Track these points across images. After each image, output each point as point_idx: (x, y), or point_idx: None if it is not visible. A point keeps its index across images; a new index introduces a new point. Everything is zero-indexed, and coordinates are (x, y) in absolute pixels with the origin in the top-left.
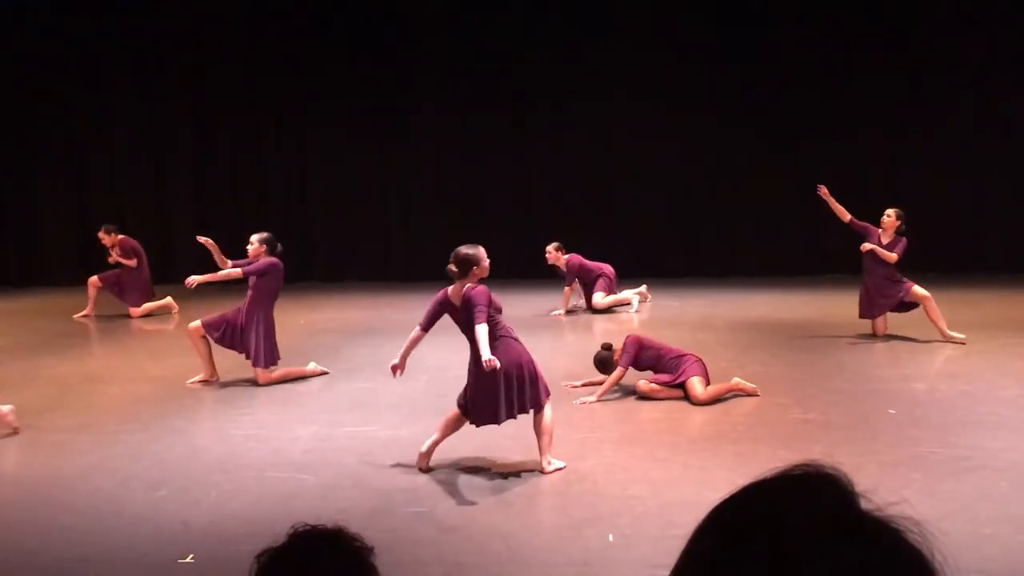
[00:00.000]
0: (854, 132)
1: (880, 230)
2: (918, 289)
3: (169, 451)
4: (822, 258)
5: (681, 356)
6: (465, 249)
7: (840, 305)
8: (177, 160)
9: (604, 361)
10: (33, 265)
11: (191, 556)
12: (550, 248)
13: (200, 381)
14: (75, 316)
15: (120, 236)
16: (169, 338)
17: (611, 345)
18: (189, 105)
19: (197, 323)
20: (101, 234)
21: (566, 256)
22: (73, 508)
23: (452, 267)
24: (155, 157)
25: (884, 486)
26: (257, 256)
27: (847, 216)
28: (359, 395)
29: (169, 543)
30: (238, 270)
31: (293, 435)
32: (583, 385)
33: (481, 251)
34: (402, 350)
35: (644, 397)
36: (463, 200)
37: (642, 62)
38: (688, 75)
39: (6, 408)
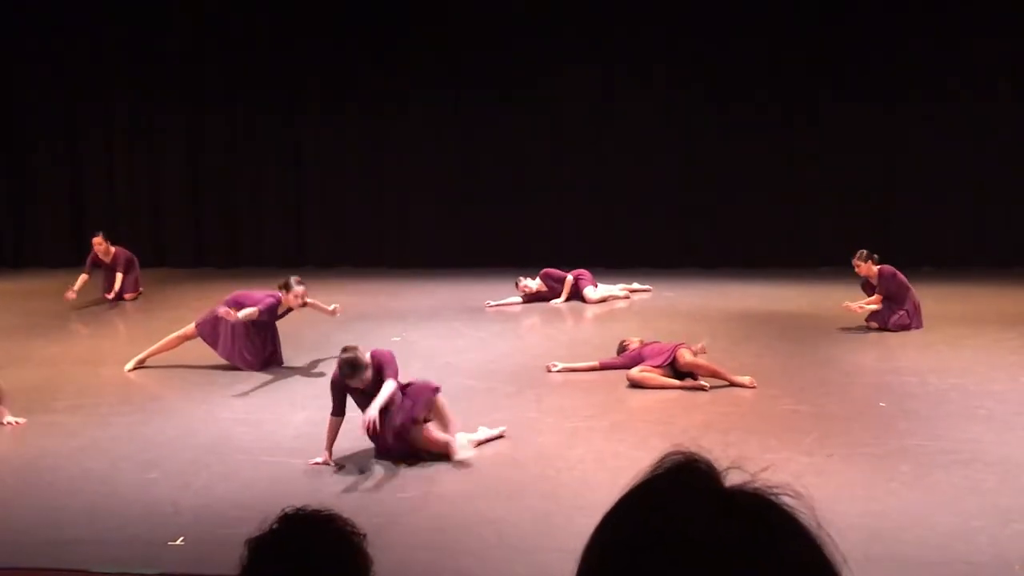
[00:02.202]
0: (847, 121)
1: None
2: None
3: (160, 433)
4: (815, 250)
5: (669, 343)
6: (347, 365)
7: (832, 297)
8: (171, 143)
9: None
10: (25, 246)
11: (181, 539)
12: (525, 282)
13: (139, 364)
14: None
15: (114, 248)
16: (160, 321)
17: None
18: (183, 89)
19: (192, 327)
20: (99, 240)
21: (534, 283)
22: (64, 489)
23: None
24: (149, 138)
25: (873, 478)
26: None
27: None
28: None
29: (159, 525)
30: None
31: (284, 419)
32: (564, 370)
33: (357, 357)
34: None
35: (636, 385)
36: (457, 185)
37: (635, 46)
38: (680, 61)
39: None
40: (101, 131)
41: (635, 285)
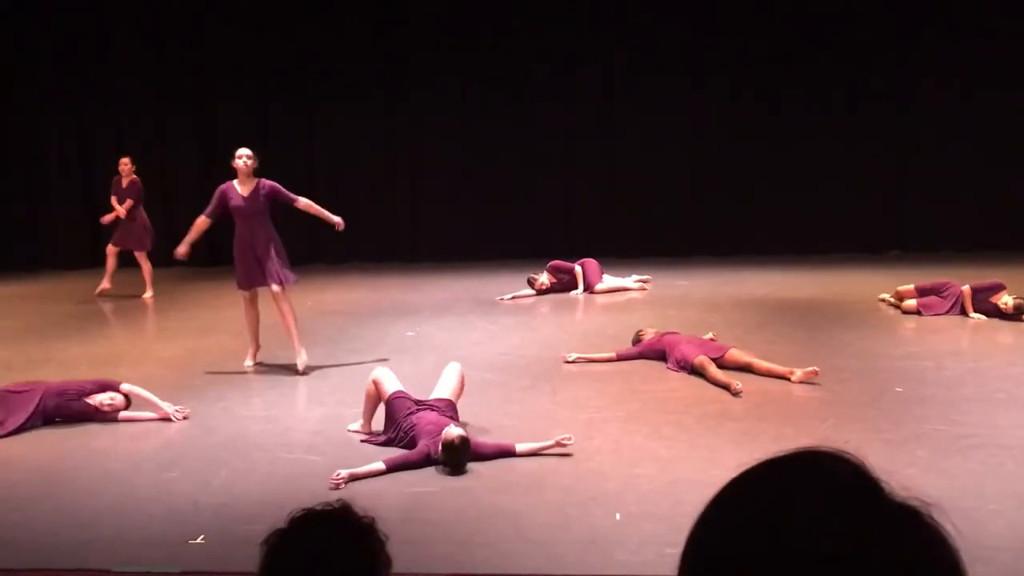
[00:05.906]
0: (860, 106)
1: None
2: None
3: (179, 432)
4: (827, 236)
5: (688, 334)
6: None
7: (845, 283)
8: (183, 140)
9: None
10: (40, 249)
11: (201, 537)
12: (541, 279)
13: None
14: (96, 292)
15: (135, 177)
16: (176, 320)
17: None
18: (195, 88)
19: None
20: (126, 160)
21: (545, 277)
22: (84, 490)
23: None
24: (161, 138)
25: (890, 464)
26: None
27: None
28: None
29: (180, 524)
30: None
31: (302, 416)
32: (580, 360)
33: (456, 438)
34: None
35: (695, 371)
36: (469, 179)
37: (646, 30)
38: (692, 47)
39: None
40: (114, 132)
41: (635, 277)
